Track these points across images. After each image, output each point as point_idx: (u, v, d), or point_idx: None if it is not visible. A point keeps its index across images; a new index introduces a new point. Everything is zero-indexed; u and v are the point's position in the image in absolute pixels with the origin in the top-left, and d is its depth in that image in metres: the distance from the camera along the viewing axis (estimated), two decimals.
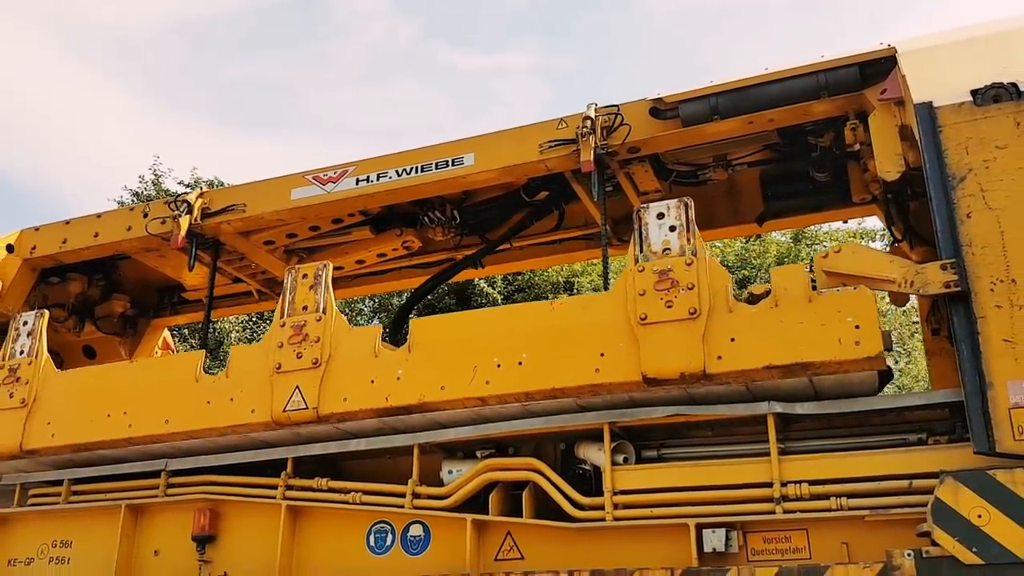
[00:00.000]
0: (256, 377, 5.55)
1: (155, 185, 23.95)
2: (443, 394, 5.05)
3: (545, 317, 5.02)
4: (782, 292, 4.53)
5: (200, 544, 5.58)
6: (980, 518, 3.77)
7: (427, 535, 5.18)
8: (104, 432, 5.89)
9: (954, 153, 4.31)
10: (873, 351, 4.26)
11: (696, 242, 4.81)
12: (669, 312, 4.67)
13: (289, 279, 5.74)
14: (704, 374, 4.53)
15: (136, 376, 6.07)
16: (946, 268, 4.16)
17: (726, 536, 4.41)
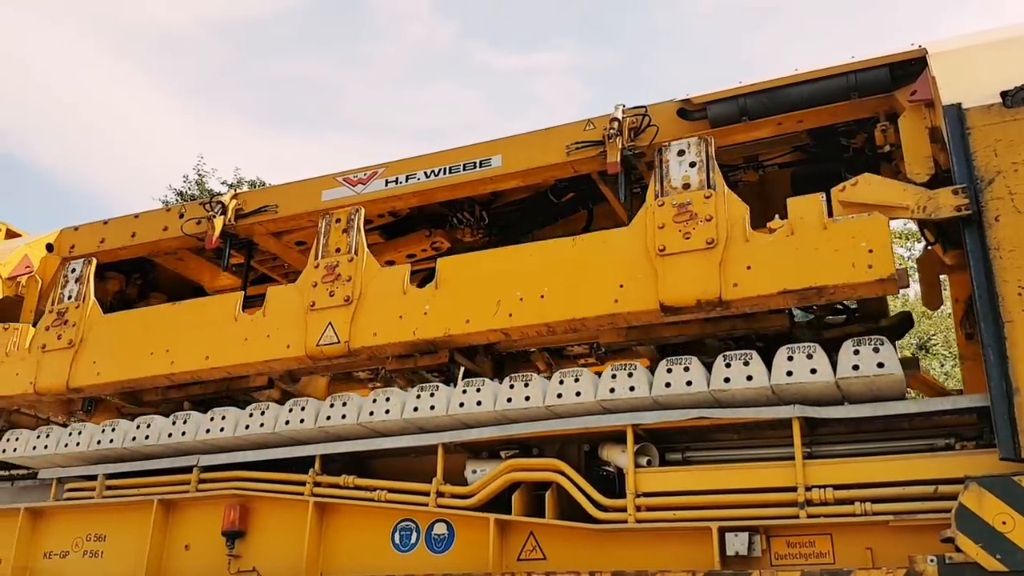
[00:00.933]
0: (291, 315, 5.78)
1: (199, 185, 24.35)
2: (468, 327, 5.25)
3: (567, 252, 5.17)
4: (798, 220, 4.63)
5: (230, 539, 5.68)
6: (1004, 524, 3.72)
7: (451, 534, 5.22)
8: (147, 369, 6.15)
9: (982, 155, 4.26)
10: (885, 273, 4.33)
11: (715, 176, 4.92)
12: (687, 243, 4.79)
13: (323, 224, 5.97)
14: (720, 301, 4.65)
15: (177, 317, 6.29)
16: (957, 193, 4.22)
17: (749, 540, 4.39)
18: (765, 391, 4.68)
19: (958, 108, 4.42)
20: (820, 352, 4.60)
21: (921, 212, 4.39)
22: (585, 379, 5.13)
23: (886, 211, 4.52)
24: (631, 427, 4.91)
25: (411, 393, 5.57)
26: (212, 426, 6.00)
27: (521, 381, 5.31)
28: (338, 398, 5.73)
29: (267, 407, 5.92)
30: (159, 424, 6.23)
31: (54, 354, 6.52)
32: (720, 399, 4.80)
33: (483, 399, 5.34)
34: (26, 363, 6.61)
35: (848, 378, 4.48)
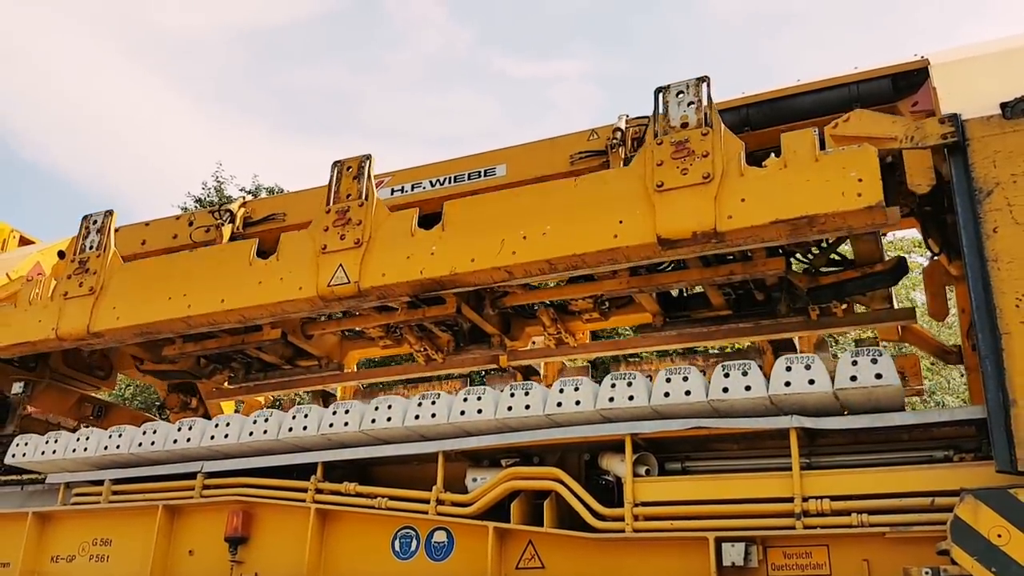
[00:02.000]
0: (303, 258, 5.86)
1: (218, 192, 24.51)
2: (473, 265, 5.31)
3: (569, 192, 5.24)
4: (791, 154, 4.71)
5: (232, 545, 5.72)
6: (1000, 537, 3.70)
7: (451, 542, 5.24)
8: (165, 313, 6.23)
9: (981, 166, 4.25)
10: (873, 200, 4.42)
11: (712, 115, 5.01)
12: (684, 178, 4.88)
13: (334, 172, 6.06)
14: (715, 232, 4.71)
15: (194, 263, 6.38)
16: (943, 122, 4.31)
17: (745, 550, 4.38)
18: (763, 401, 4.68)
19: (958, 119, 4.41)
20: (818, 362, 4.61)
21: (909, 142, 4.50)
22: (585, 388, 5.15)
23: (876, 143, 4.60)
24: (630, 436, 4.92)
25: (412, 401, 5.61)
26: (216, 432, 6.06)
27: (522, 390, 5.34)
28: (340, 405, 5.78)
29: (270, 414, 5.97)
30: (164, 430, 6.30)
31: (75, 300, 6.60)
32: (719, 409, 4.80)
33: (484, 407, 5.37)
34: (48, 311, 6.70)
35: (846, 389, 4.47)
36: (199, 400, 9.22)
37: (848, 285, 5.51)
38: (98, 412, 8.65)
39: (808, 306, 5.81)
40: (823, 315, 5.88)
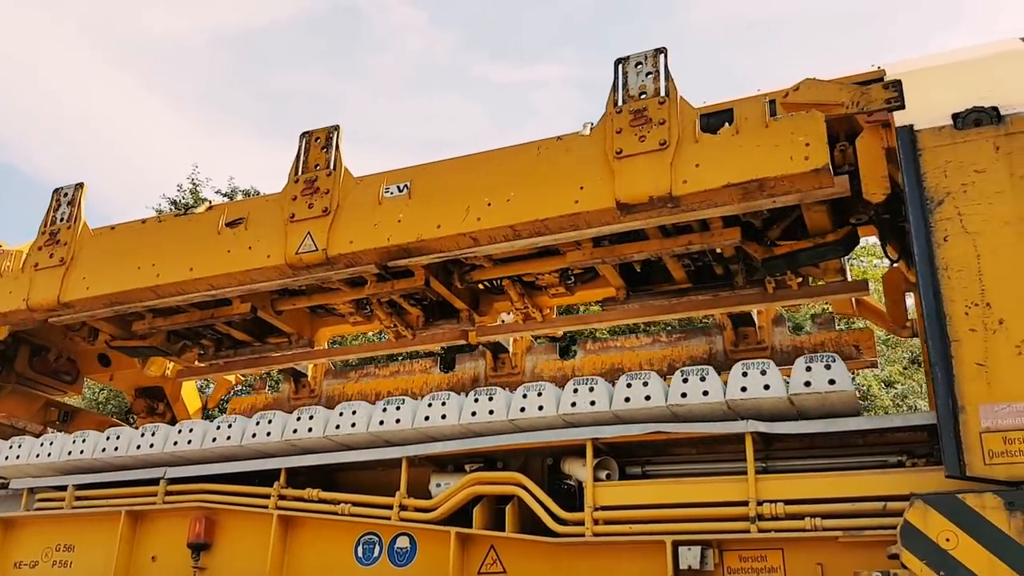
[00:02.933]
0: (272, 227, 5.92)
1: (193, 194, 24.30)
2: (439, 232, 5.40)
3: (532, 159, 5.36)
4: (743, 120, 4.91)
5: (195, 551, 5.72)
6: (948, 542, 3.76)
7: (413, 547, 5.26)
8: (134, 282, 6.25)
9: (932, 176, 4.32)
10: (820, 163, 4.61)
11: (669, 84, 5.17)
12: (642, 145, 5.04)
13: (303, 142, 6.11)
14: (671, 196, 4.88)
15: (163, 233, 6.40)
16: (888, 87, 4.56)
17: (701, 554, 4.44)
18: (721, 406, 4.74)
19: (910, 129, 4.48)
20: (773, 368, 4.67)
21: (855, 107, 4.71)
22: (548, 393, 5.19)
23: (824, 110, 4.77)
24: (590, 441, 4.96)
25: (377, 406, 5.62)
26: (179, 438, 6.05)
27: (485, 395, 5.37)
28: (305, 411, 5.78)
29: (234, 420, 5.96)
30: (128, 435, 6.28)
31: (46, 271, 6.62)
32: (678, 414, 4.86)
33: (448, 413, 5.40)
34: (19, 282, 6.71)
35: (800, 394, 4.54)
36: (166, 405, 9.19)
37: (800, 255, 5.61)
38: (64, 417, 8.59)
39: (764, 279, 5.92)
40: (779, 288, 6.00)
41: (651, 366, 6.87)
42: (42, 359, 8.33)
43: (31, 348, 8.20)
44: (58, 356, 8.47)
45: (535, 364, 7.37)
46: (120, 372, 8.86)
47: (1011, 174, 4.18)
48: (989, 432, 3.84)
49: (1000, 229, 4.11)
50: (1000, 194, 4.17)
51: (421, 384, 7.64)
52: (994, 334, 3.96)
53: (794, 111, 4.87)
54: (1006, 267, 4.03)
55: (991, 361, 3.93)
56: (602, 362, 7.13)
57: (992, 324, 3.98)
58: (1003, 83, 4.59)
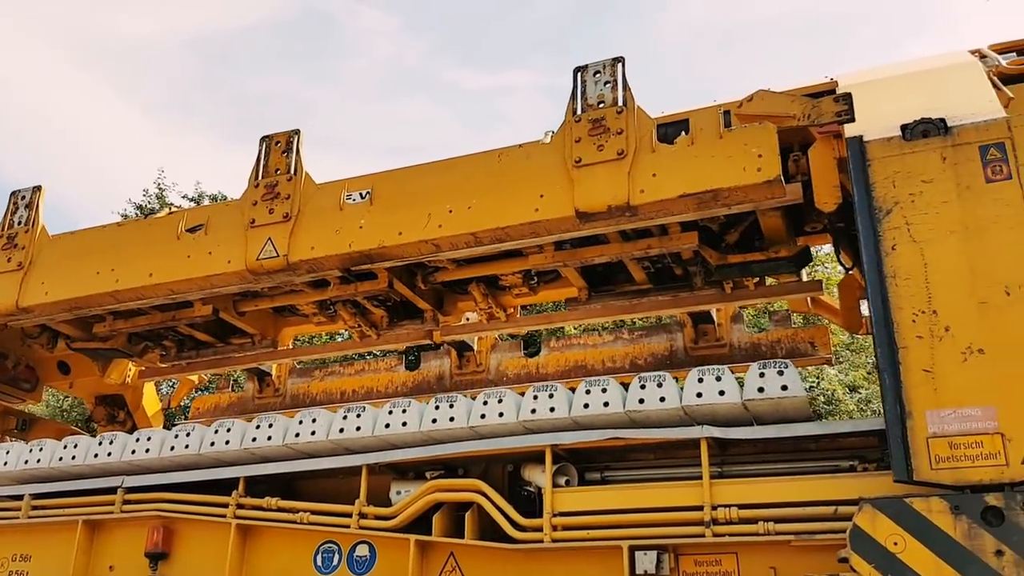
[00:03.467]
0: (232, 232, 5.90)
1: (159, 199, 24.09)
2: (400, 239, 5.45)
3: (493, 166, 5.41)
4: (698, 131, 5.00)
5: (153, 560, 5.68)
6: (896, 545, 3.84)
7: (373, 555, 5.26)
8: (93, 287, 6.21)
9: (881, 186, 4.41)
10: (771, 175, 4.73)
11: (627, 94, 5.24)
12: (600, 154, 5.11)
13: (263, 146, 6.09)
14: (628, 206, 4.95)
15: (123, 237, 6.34)
16: (838, 100, 4.68)
17: (657, 558, 4.49)
18: (677, 412, 4.80)
19: (860, 140, 4.57)
20: (728, 374, 4.74)
21: (806, 120, 4.82)
22: (508, 400, 5.22)
23: (776, 121, 4.88)
24: (549, 447, 5.00)
25: (338, 414, 5.62)
26: (137, 447, 6.00)
27: (446, 402, 5.39)
28: (264, 419, 5.77)
29: (192, 428, 5.93)
30: (85, 444, 6.22)
31: (4, 276, 6.57)
32: (635, 419, 4.91)
33: (409, 420, 5.41)
34: None
35: (754, 400, 4.61)
36: (127, 413, 9.10)
37: (753, 266, 5.74)
38: (22, 425, 8.47)
39: (722, 280, 6.01)
40: (736, 288, 6.09)
41: (613, 363, 6.93)
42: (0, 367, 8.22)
43: None
44: (16, 363, 8.35)
45: (500, 362, 7.40)
46: (80, 380, 8.75)
47: (957, 184, 4.28)
48: (936, 437, 3.93)
49: (946, 238, 4.20)
50: (947, 204, 4.27)
51: (386, 383, 7.65)
52: (940, 341, 4.06)
53: (747, 122, 4.96)
54: (952, 275, 4.12)
55: (937, 367, 4.02)
56: (566, 359, 7.18)
57: (938, 331, 4.07)
58: (951, 94, 4.70)
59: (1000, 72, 4.98)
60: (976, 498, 3.78)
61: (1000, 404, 3.86)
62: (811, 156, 5.15)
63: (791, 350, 6.70)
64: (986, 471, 3.80)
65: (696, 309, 6.43)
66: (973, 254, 4.13)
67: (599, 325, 7.44)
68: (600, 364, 7.08)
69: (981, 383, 3.92)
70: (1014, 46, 5.36)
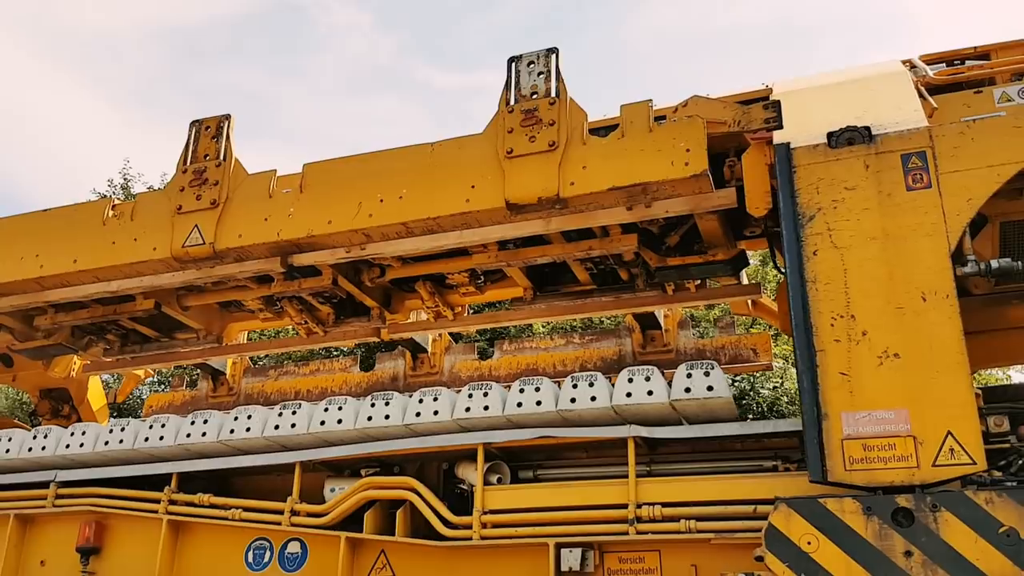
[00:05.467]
0: (158, 219, 5.78)
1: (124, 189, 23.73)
2: (330, 227, 5.36)
3: (426, 157, 5.35)
4: (628, 124, 4.98)
5: (84, 555, 5.63)
6: (809, 545, 3.91)
7: (304, 552, 5.26)
8: (17, 273, 6.07)
9: (805, 192, 4.49)
10: (699, 169, 4.72)
11: (560, 85, 5.22)
12: (532, 145, 5.07)
13: (193, 131, 6.00)
14: (558, 198, 4.95)
15: (46, 222, 6.20)
16: (767, 108, 4.79)
17: (582, 556, 4.54)
18: (608, 411, 4.85)
19: (787, 147, 4.65)
20: (657, 375, 4.81)
21: (737, 126, 4.90)
22: (443, 398, 5.26)
23: (709, 127, 4.91)
24: (481, 446, 5.04)
25: (273, 411, 5.62)
26: (72, 441, 5.96)
27: (382, 400, 5.41)
28: (200, 415, 5.75)
29: (127, 423, 5.89)
30: (20, 437, 6.16)
31: None
32: (567, 418, 4.96)
33: (344, 417, 5.43)
34: None
35: (681, 400, 4.68)
36: (71, 407, 9.00)
37: (692, 269, 5.77)
38: None
39: (663, 282, 6.07)
40: (678, 290, 6.12)
41: (564, 366, 6.98)
42: None
43: None
44: None
45: (453, 364, 7.42)
46: (23, 373, 8.65)
47: (879, 191, 4.37)
48: (850, 439, 4.01)
49: (866, 244, 4.29)
50: (868, 211, 4.35)
51: (341, 383, 7.63)
52: (857, 344, 4.14)
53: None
54: (871, 281, 4.21)
55: (854, 371, 4.10)
56: (518, 362, 7.22)
57: (856, 335, 4.16)
58: (878, 104, 4.80)
59: (927, 83, 5.10)
60: (888, 499, 3.87)
61: (913, 407, 3.95)
62: (744, 161, 5.20)
63: (734, 356, 6.81)
64: (897, 473, 3.89)
65: (638, 310, 6.48)
66: (892, 261, 4.22)
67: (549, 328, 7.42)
68: (551, 367, 7.13)
69: (895, 387, 4.01)
70: (943, 57, 5.50)
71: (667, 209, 5.09)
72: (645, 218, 5.22)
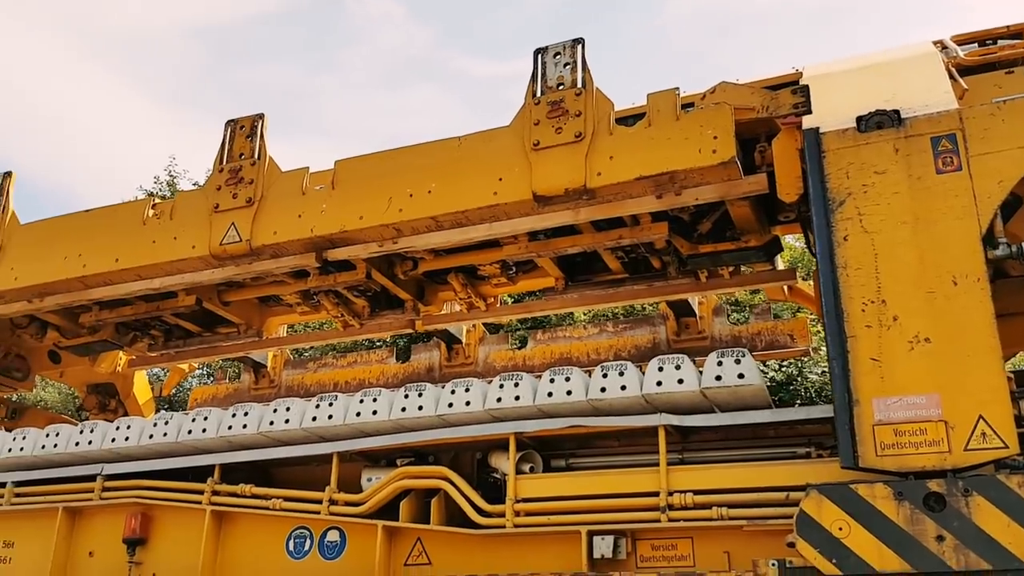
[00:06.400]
0: (197, 217, 5.96)
1: (170, 186, 24.06)
2: (361, 223, 5.49)
3: (454, 151, 5.44)
4: (655, 113, 5.00)
5: (131, 546, 5.79)
6: (841, 530, 3.91)
7: (343, 540, 5.36)
8: (61, 272, 6.30)
9: (835, 178, 4.46)
10: (727, 156, 4.75)
11: (586, 75, 5.24)
12: (558, 137, 5.12)
13: (228, 131, 6.15)
14: (585, 189, 4.98)
15: (89, 223, 6.40)
16: (796, 92, 4.78)
17: (614, 543, 4.58)
18: (638, 400, 4.87)
19: (816, 132, 4.62)
20: (687, 363, 4.81)
21: (765, 111, 4.89)
22: (475, 389, 5.31)
23: (738, 113, 4.91)
24: (513, 435, 5.09)
25: (311, 403, 5.72)
26: (117, 435, 6.11)
27: (415, 391, 5.48)
28: (240, 408, 5.87)
29: (171, 417, 6.03)
30: (67, 432, 6.34)
31: None
32: (598, 407, 4.99)
33: (379, 408, 5.50)
34: None
35: (712, 388, 4.68)
36: (118, 401, 9.23)
37: (724, 256, 5.77)
38: (12, 414, 8.61)
39: (696, 269, 6.06)
40: (712, 277, 6.12)
41: (598, 355, 7.00)
42: None
43: None
44: (7, 353, 8.48)
45: (488, 354, 7.49)
46: (71, 369, 8.88)
47: (909, 175, 4.33)
48: (881, 425, 4.00)
49: (897, 228, 4.26)
50: (898, 195, 4.32)
51: (378, 374, 7.75)
52: (888, 330, 4.12)
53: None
54: (901, 265, 4.18)
55: (885, 356, 4.09)
56: (552, 352, 7.26)
57: (887, 320, 4.13)
58: (908, 86, 4.75)
59: (958, 64, 5.04)
60: (919, 484, 3.86)
61: (944, 392, 3.93)
62: (775, 147, 5.18)
63: (771, 342, 6.78)
64: (929, 458, 3.87)
65: (671, 298, 6.47)
66: (922, 245, 4.18)
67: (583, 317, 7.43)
68: (585, 356, 7.16)
69: (927, 371, 3.98)
70: (975, 36, 5.41)
71: (697, 196, 5.09)
72: (675, 206, 5.23)
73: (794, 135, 5.14)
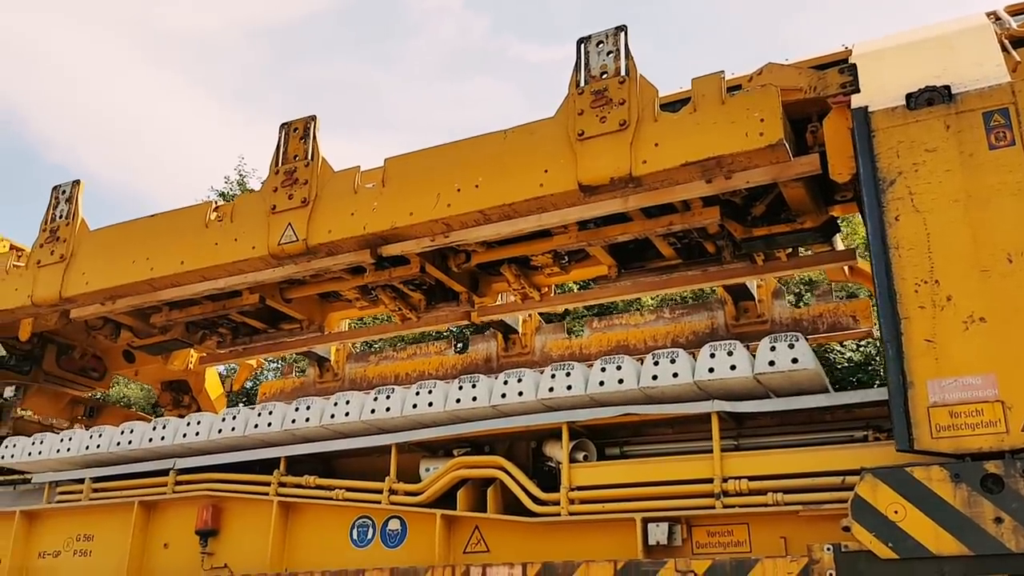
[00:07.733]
0: (255, 219, 6.13)
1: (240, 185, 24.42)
2: (411, 219, 5.58)
3: (499, 145, 5.47)
4: (700, 97, 4.95)
5: (203, 538, 6.01)
6: (896, 514, 3.87)
7: (404, 529, 5.49)
8: (129, 276, 6.54)
9: (885, 157, 4.39)
10: (774, 139, 4.66)
11: (629, 63, 5.22)
12: (603, 126, 5.11)
13: (282, 134, 6.30)
14: (631, 177, 4.96)
15: (154, 227, 6.64)
16: (843, 71, 4.71)
17: (669, 530, 4.59)
18: (691, 387, 4.87)
19: (865, 111, 4.55)
20: (740, 349, 4.79)
21: (813, 92, 4.83)
22: (527, 379, 5.37)
23: (785, 94, 4.84)
24: (566, 424, 5.14)
25: (370, 395, 5.85)
26: (188, 431, 6.34)
27: (469, 382, 5.56)
28: (303, 402, 6.04)
29: (238, 411, 6.23)
30: (141, 429, 6.59)
31: (48, 268, 6.93)
32: (650, 395, 5.00)
33: (434, 400, 5.61)
34: (24, 279, 7.05)
35: (765, 373, 4.66)
36: (191, 397, 9.55)
37: (779, 238, 5.71)
38: (90, 412, 8.98)
39: (752, 253, 6.01)
40: (768, 260, 6.06)
41: (655, 342, 7.01)
42: (68, 357, 8.72)
43: (57, 347, 8.60)
44: (84, 354, 8.86)
45: (544, 343, 7.56)
46: (144, 367, 9.24)
47: (960, 152, 4.24)
48: (936, 407, 3.94)
49: (949, 207, 4.18)
50: (949, 172, 4.23)
51: (437, 365, 7.92)
52: (942, 311, 4.05)
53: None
54: (954, 244, 4.10)
55: (939, 337, 4.02)
56: (608, 339, 7.29)
57: (940, 301, 4.07)
58: (958, 61, 4.63)
59: (1012, 35, 4.89)
60: (976, 466, 3.80)
61: (1000, 372, 3.86)
62: (825, 127, 5.11)
63: (833, 324, 6.70)
64: (986, 439, 3.80)
65: (726, 282, 6.44)
66: (975, 223, 4.10)
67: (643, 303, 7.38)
68: (642, 343, 7.17)
69: (982, 351, 3.91)
70: None
71: (747, 180, 5.05)
72: (725, 190, 5.19)
73: (844, 114, 5.06)
